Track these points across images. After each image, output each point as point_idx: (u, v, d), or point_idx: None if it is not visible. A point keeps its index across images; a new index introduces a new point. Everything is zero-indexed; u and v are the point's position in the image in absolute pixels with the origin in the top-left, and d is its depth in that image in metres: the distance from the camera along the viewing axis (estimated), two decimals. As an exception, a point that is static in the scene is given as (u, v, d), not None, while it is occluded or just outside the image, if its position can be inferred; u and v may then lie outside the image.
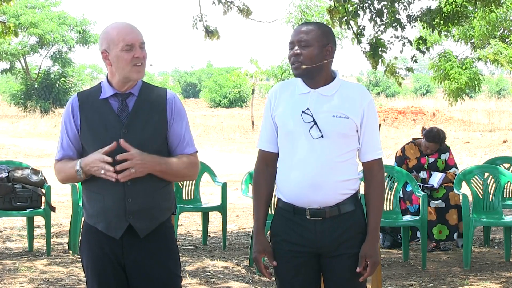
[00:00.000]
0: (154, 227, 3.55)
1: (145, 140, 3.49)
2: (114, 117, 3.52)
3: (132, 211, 3.49)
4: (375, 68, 10.10)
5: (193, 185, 8.71)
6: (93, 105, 3.56)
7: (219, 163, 17.13)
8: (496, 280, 6.99)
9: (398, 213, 7.80)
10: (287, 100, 3.56)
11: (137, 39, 3.52)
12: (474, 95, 55.19)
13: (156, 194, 3.54)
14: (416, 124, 31.15)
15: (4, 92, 50.76)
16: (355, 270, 3.52)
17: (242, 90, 50.74)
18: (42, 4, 43.30)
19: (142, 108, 3.54)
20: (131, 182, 3.45)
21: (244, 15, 9.40)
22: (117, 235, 3.52)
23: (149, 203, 3.52)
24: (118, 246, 3.55)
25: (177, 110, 3.58)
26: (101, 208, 3.53)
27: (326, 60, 3.53)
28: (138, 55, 3.50)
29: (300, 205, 3.52)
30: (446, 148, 8.58)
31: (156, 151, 3.50)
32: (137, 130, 3.50)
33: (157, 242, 3.57)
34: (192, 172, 3.62)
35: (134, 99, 3.56)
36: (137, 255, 3.55)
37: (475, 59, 22.43)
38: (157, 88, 3.64)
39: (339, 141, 3.48)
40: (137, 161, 3.40)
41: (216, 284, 6.82)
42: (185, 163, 3.56)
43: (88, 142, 3.54)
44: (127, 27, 3.55)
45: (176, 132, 3.57)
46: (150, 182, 3.49)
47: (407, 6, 9.80)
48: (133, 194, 3.49)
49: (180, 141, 3.58)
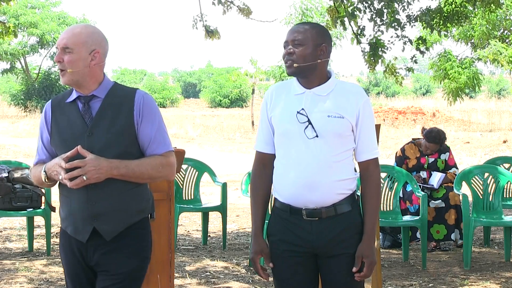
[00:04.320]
0: (122, 230, 3.48)
1: (110, 143, 3.43)
2: (80, 121, 3.48)
3: (96, 214, 3.44)
4: (373, 69, 10.11)
5: (193, 185, 8.71)
6: (62, 109, 3.54)
7: (219, 163, 17.14)
8: (496, 280, 6.99)
9: (398, 213, 7.81)
10: (282, 101, 3.56)
11: (60, 43, 3.47)
12: (474, 95, 55.22)
13: (123, 196, 3.47)
14: (416, 124, 31.15)
15: (4, 92, 50.79)
16: (369, 273, 3.52)
17: (242, 90, 50.74)
18: (42, 4, 43.34)
19: (106, 111, 3.47)
20: (94, 185, 3.40)
21: (244, 15, 9.40)
22: (83, 238, 3.48)
23: (115, 205, 3.46)
24: (86, 249, 3.51)
25: (146, 111, 3.50)
26: (68, 211, 3.51)
27: (320, 59, 3.52)
28: (55, 58, 3.48)
29: (297, 205, 3.51)
30: (446, 148, 8.58)
31: (122, 153, 3.44)
32: (101, 133, 3.44)
33: (124, 245, 3.51)
34: (165, 173, 3.53)
35: (99, 101, 3.49)
36: (103, 257, 3.50)
37: (475, 59, 22.43)
38: (126, 90, 3.57)
39: (334, 141, 3.48)
40: (90, 168, 3.34)
41: (216, 284, 6.82)
42: (153, 164, 3.48)
43: (57, 146, 3.52)
44: (66, 30, 3.53)
45: (145, 133, 3.49)
46: (115, 184, 3.43)
47: (406, 6, 9.80)
48: (97, 197, 3.43)
49: (151, 142, 3.50)
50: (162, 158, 3.51)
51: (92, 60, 3.47)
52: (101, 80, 3.53)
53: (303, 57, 3.50)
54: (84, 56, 3.45)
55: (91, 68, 3.47)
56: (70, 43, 3.44)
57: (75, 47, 3.44)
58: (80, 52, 3.45)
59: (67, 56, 3.44)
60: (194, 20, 9.46)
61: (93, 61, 3.47)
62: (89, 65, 3.47)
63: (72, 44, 3.44)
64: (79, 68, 3.45)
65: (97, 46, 3.48)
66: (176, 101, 53.23)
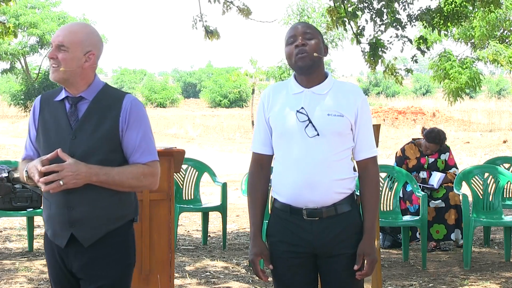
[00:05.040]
0: (100, 236, 3.38)
1: (92, 148, 3.33)
2: (65, 122, 3.38)
3: (74, 219, 3.35)
4: (373, 69, 10.10)
5: (193, 185, 8.72)
6: (50, 107, 3.45)
7: (219, 163, 17.14)
8: (496, 280, 6.99)
9: (398, 213, 7.81)
10: (280, 101, 3.55)
11: (55, 39, 3.38)
12: (474, 95, 55.21)
13: (102, 202, 3.36)
14: (416, 124, 31.16)
15: (4, 92, 50.82)
16: (352, 270, 3.51)
17: (242, 90, 50.76)
18: (42, 4, 43.35)
19: (92, 115, 3.37)
20: (73, 190, 3.30)
21: (244, 15, 9.40)
22: (62, 243, 3.40)
23: (93, 212, 3.35)
24: (66, 254, 3.43)
25: (133, 118, 3.38)
26: (48, 215, 3.44)
27: (323, 57, 3.56)
28: (49, 54, 3.39)
29: (297, 205, 3.50)
30: (446, 148, 8.58)
31: (104, 160, 3.33)
32: (85, 137, 3.34)
33: (105, 254, 3.40)
34: (146, 183, 3.42)
35: (87, 103, 3.40)
36: (82, 263, 3.40)
37: (475, 59, 22.43)
38: (116, 93, 3.44)
39: (334, 139, 3.48)
40: (68, 173, 3.23)
41: (216, 284, 6.82)
42: (135, 173, 3.36)
43: (41, 145, 3.44)
44: (62, 27, 3.44)
45: (129, 140, 3.38)
46: (95, 190, 3.32)
47: (406, 5, 9.80)
48: (75, 203, 3.34)
49: (134, 150, 3.38)
50: (144, 167, 3.40)
51: (86, 61, 3.38)
52: (91, 82, 3.42)
53: (316, 50, 3.50)
54: (78, 56, 3.37)
55: (83, 69, 3.38)
56: (66, 41, 3.36)
57: (70, 46, 3.35)
58: (75, 52, 3.36)
59: (61, 54, 3.36)
60: (194, 20, 9.45)
61: (87, 62, 3.39)
62: (82, 66, 3.38)
63: (68, 43, 3.35)
64: (72, 67, 3.36)
65: (93, 48, 3.40)
66: (176, 101, 53.25)
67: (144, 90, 53.46)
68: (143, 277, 5.13)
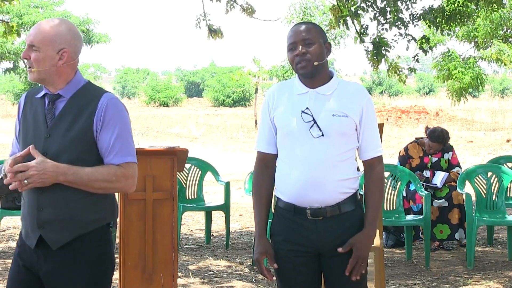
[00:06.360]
0: (70, 239, 3.25)
1: (65, 146, 3.24)
2: (42, 120, 3.31)
3: (43, 221, 3.25)
4: (376, 68, 10.10)
5: (196, 184, 8.72)
6: (31, 104, 3.38)
7: (223, 162, 17.14)
8: (500, 280, 6.98)
9: (401, 212, 7.81)
10: (285, 101, 3.56)
11: (27, 39, 3.29)
12: (478, 95, 55.15)
13: (74, 204, 3.25)
14: (419, 124, 31.13)
15: (7, 91, 50.87)
16: (356, 269, 3.51)
17: (246, 89, 50.74)
18: (45, 3, 43.36)
19: (68, 113, 3.28)
20: (43, 190, 3.22)
21: (247, 14, 9.40)
22: (31, 244, 3.30)
23: (63, 214, 3.24)
24: (34, 256, 3.31)
25: (108, 117, 3.26)
26: (22, 214, 3.38)
27: (327, 56, 3.57)
28: (22, 55, 3.32)
29: (301, 205, 3.51)
30: (449, 147, 8.57)
31: (75, 159, 3.23)
32: (59, 136, 3.26)
33: (72, 257, 3.27)
34: (119, 185, 3.28)
35: (64, 101, 3.31)
36: (49, 267, 3.28)
37: (478, 59, 22.40)
38: (94, 92, 3.34)
39: (339, 139, 3.48)
40: (33, 172, 3.14)
41: (219, 284, 6.82)
42: (106, 174, 3.24)
43: (19, 141, 3.39)
44: (34, 26, 3.31)
45: (103, 140, 3.26)
46: (67, 191, 3.22)
47: (409, 5, 9.80)
48: (45, 204, 3.25)
49: (109, 151, 3.26)
50: (117, 169, 3.26)
51: (60, 60, 3.28)
52: (70, 79, 3.33)
53: (317, 55, 3.50)
54: (50, 55, 3.27)
55: (58, 68, 3.29)
56: (36, 41, 3.26)
57: (41, 46, 3.26)
58: (46, 51, 3.26)
59: (33, 54, 3.27)
60: (197, 19, 9.46)
61: (61, 61, 3.29)
62: (57, 64, 3.28)
63: (38, 43, 3.26)
64: (46, 67, 3.27)
65: (65, 45, 3.29)
66: (179, 100, 53.24)
67: (147, 89, 53.49)
68: (146, 277, 5.14)
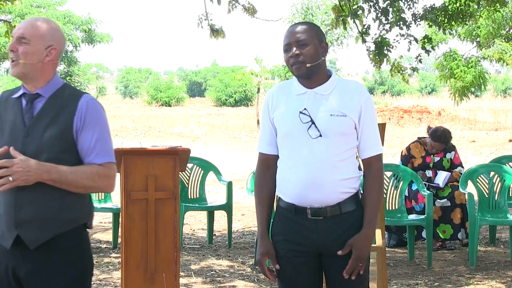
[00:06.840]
0: (47, 239, 3.25)
1: (44, 145, 3.25)
2: (20, 120, 3.31)
3: (21, 220, 3.24)
4: (378, 68, 10.10)
5: (198, 184, 8.72)
6: (8, 104, 3.38)
7: (225, 162, 17.14)
8: (502, 279, 6.98)
9: (403, 212, 7.81)
10: (284, 102, 3.56)
11: (17, 32, 3.32)
12: (480, 94, 55.11)
13: (51, 203, 3.26)
14: (422, 123, 31.11)
15: (9, 91, 50.79)
16: (357, 269, 3.51)
17: (248, 89, 50.73)
18: (47, 3, 43.41)
19: (47, 112, 3.30)
20: (21, 189, 3.21)
21: (249, 14, 9.40)
22: (7, 244, 3.28)
23: (41, 212, 3.24)
24: (12, 257, 3.30)
25: (88, 118, 3.30)
26: None
27: (323, 57, 3.54)
28: (9, 46, 3.32)
29: (301, 205, 3.51)
30: (451, 147, 8.57)
31: (53, 159, 3.24)
32: (37, 135, 3.26)
33: (50, 257, 3.28)
34: (101, 184, 3.33)
35: (43, 101, 3.32)
36: (28, 267, 3.28)
37: (480, 58, 22.39)
38: (74, 93, 3.37)
39: (338, 139, 3.48)
40: (18, 169, 3.15)
41: (221, 283, 6.83)
42: (88, 173, 3.28)
43: None
44: (25, 20, 3.38)
45: (84, 141, 3.29)
46: (45, 190, 3.23)
47: (411, 4, 9.80)
48: (23, 202, 3.24)
49: (90, 151, 3.30)
50: (99, 168, 3.31)
51: (47, 56, 3.33)
52: (50, 79, 3.36)
53: (311, 56, 3.49)
54: (40, 49, 3.31)
55: (44, 64, 3.32)
56: (28, 34, 3.30)
57: (32, 39, 3.29)
58: (36, 45, 3.30)
59: (22, 47, 3.29)
60: (199, 19, 9.46)
61: (48, 57, 3.33)
62: (43, 60, 3.32)
63: (30, 35, 3.30)
64: (33, 61, 3.30)
65: (54, 43, 3.34)
66: (182, 100, 53.23)
67: (150, 89, 53.49)
68: (149, 276, 5.14)
